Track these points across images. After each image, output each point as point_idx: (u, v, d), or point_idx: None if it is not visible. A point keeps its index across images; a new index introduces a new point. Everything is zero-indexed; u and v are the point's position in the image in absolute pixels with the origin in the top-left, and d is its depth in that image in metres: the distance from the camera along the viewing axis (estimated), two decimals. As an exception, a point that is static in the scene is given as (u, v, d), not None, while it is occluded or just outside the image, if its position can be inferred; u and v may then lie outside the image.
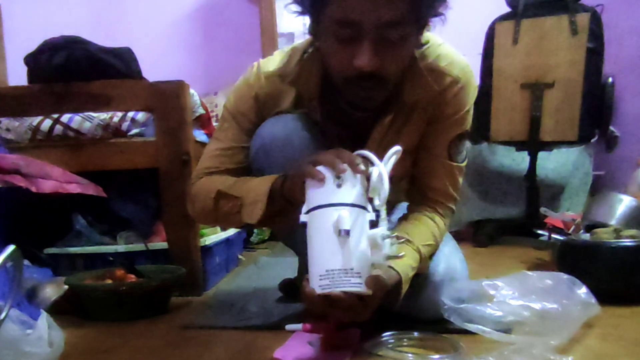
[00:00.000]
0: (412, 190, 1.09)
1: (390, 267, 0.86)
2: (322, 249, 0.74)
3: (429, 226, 1.01)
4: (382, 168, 0.76)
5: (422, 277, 1.00)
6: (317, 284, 0.74)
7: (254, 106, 1.03)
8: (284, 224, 1.01)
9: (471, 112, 1.03)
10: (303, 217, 0.76)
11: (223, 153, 1.05)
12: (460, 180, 1.06)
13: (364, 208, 0.76)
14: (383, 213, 0.76)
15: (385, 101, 0.96)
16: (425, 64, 0.97)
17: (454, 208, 1.07)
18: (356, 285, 0.73)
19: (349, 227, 0.71)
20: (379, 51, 0.83)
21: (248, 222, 0.94)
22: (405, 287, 0.91)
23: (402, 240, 0.80)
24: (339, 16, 0.83)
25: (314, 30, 0.92)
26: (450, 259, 1.05)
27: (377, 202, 0.76)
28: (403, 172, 1.08)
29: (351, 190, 0.74)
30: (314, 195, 0.76)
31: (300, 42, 1.03)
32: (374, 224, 0.77)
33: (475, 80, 1.03)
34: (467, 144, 1.05)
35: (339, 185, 0.74)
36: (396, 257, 0.77)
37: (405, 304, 0.97)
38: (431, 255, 1.01)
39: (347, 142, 0.93)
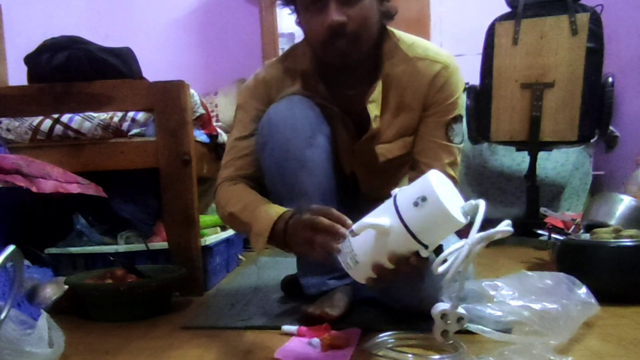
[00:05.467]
0: (412, 175, 1.14)
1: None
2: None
3: None
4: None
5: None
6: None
7: (259, 91, 1.15)
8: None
9: (462, 98, 1.14)
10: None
11: (237, 144, 1.16)
12: (459, 160, 1.14)
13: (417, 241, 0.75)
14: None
15: (369, 80, 1.10)
16: (415, 55, 1.10)
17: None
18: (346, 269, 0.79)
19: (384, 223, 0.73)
20: (343, 9, 0.98)
21: (254, 249, 1.05)
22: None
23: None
24: None
25: (297, 17, 1.09)
26: (456, 242, 1.08)
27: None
28: (405, 151, 1.15)
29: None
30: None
31: (300, 41, 1.16)
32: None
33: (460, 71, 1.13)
34: (462, 126, 1.14)
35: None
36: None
37: (410, 287, 1.01)
38: None
39: (348, 121, 1.09)
